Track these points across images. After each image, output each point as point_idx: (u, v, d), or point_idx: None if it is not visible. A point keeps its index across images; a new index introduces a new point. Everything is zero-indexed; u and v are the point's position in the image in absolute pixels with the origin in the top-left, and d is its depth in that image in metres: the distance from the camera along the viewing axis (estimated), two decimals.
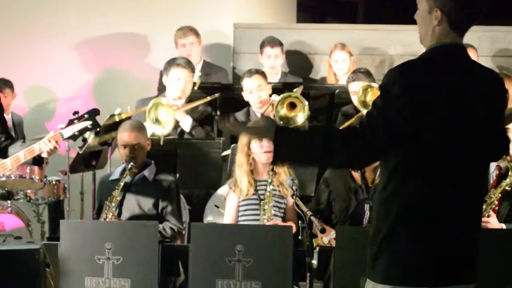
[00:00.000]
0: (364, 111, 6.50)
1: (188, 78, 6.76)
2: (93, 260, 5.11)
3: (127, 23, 8.78)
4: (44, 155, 5.28)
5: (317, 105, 7.43)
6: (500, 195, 5.51)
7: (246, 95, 6.87)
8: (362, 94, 6.67)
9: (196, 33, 8.02)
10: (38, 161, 5.37)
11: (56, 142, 5.29)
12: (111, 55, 8.88)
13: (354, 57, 7.86)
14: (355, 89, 6.81)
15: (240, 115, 6.88)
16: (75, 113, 5.44)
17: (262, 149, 5.71)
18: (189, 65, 6.78)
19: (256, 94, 6.76)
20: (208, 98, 6.82)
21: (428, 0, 3.63)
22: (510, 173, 5.67)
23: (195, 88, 7.18)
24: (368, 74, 6.96)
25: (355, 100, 6.84)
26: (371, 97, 6.55)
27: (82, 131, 5.35)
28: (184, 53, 7.96)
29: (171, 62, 6.79)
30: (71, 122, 5.36)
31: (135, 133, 5.80)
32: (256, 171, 5.79)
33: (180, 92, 6.74)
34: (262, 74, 6.92)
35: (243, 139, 5.77)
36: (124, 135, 5.80)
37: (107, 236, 5.14)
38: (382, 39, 8.25)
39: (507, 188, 5.51)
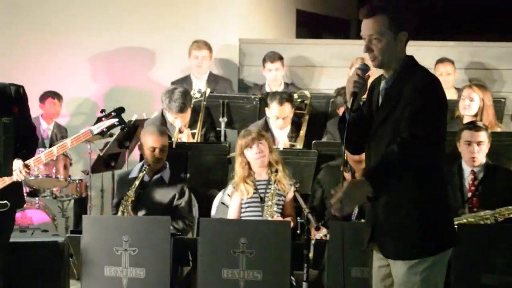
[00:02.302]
0: None
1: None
2: (112, 251, 5.14)
3: (141, 37, 8.79)
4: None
5: (315, 111, 7.44)
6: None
7: (271, 115, 6.78)
8: None
9: (209, 48, 8.01)
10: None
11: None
12: (123, 68, 8.87)
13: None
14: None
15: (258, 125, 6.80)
16: (102, 111, 5.45)
17: (254, 156, 5.73)
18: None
19: (282, 121, 6.74)
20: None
21: (392, 29, 3.76)
22: None
23: (207, 95, 7.19)
24: None
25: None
26: None
27: (109, 128, 5.35)
28: (195, 64, 7.98)
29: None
30: (99, 120, 5.37)
31: (162, 137, 5.87)
32: (255, 173, 5.79)
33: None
34: (291, 101, 6.83)
35: (237, 149, 5.79)
36: (154, 139, 5.83)
37: (124, 229, 5.16)
38: None
39: None
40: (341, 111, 6.73)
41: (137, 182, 5.72)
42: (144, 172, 5.76)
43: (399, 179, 3.69)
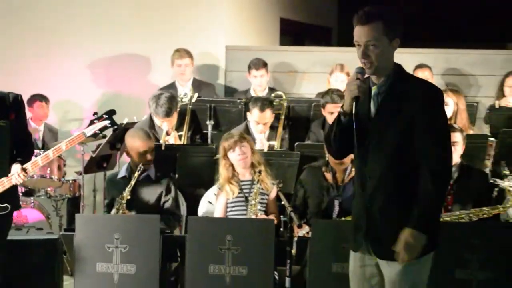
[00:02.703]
0: None
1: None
2: (104, 248, 5.14)
3: (136, 44, 8.78)
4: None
5: (297, 115, 7.46)
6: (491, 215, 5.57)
7: (252, 120, 6.77)
8: None
9: (190, 56, 8.06)
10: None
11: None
12: (119, 73, 8.86)
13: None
14: (331, 110, 6.80)
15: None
16: (95, 113, 5.46)
17: (237, 157, 5.74)
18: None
19: (263, 127, 6.76)
20: None
21: (388, 35, 3.77)
22: (509, 197, 5.74)
23: (193, 100, 7.21)
24: (341, 95, 6.93)
25: (328, 117, 6.79)
26: None
27: (102, 129, 5.35)
28: (179, 72, 8.05)
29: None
30: (92, 122, 5.38)
31: (149, 141, 5.90)
32: (238, 173, 5.81)
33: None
34: (272, 107, 6.84)
35: (220, 152, 5.81)
36: (141, 143, 5.85)
37: (115, 227, 5.17)
38: (352, 60, 8.16)
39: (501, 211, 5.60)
40: (326, 109, 6.82)
41: (133, 182, 5.72)
42: (139, 172, 5.76)
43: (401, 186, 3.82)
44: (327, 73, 7.83)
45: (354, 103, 3.74)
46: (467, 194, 5.70)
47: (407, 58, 7.93)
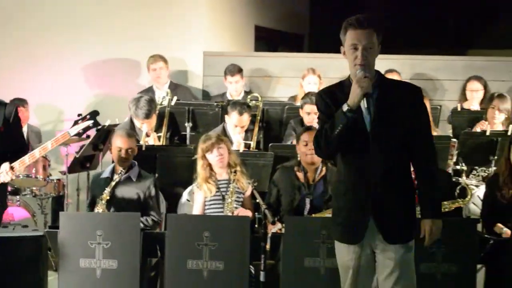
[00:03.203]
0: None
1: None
2: (86, 244, 5.11)
3: (124, 50, 8.76)
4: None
5: (271, 117, 7.47)
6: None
7: (230, 123, 6.76)
8: None
9: (164, 60, 8.08)
10: None
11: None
12: (109, 77, 8.83)
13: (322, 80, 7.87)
14: (308, 111, 6.84)
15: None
16: (79, 114, 5.44)
17: (215, 158, 5.74)
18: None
19: (240, 130, 6.75)
20: None
21: (378, 39, 3.93)
22: (468, 192, 5.81)
23: (172, 103, 7.21)
24: None
25: (305, 118, 6.86)
26: None
27: (85, 129, 5.34)
28: (155, 76, 8.07)
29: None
30: (76, 123, 5.36)
31: (130, 139, 5.84)
32: (216, 173, 5.80)
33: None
34: (250, 110, 6.85)
35: (199, 153, 5.80)
36: (122, 141, 5.81)
37: (98, 225, 5.14)
38: (323, 65, 8.27)
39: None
40: (304, 110, 6.89)
41: (113, 183, 5.69)
42: (121, 174, 5.73)
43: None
44: (299, 78, 7.85)
45: (364, 99, 3.85)
46: None
47: (378, 64, 7.97)
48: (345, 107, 3.84)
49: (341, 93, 3.98)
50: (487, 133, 6.73)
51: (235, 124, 6.68)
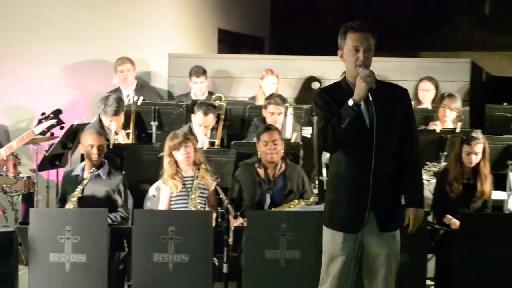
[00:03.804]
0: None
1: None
2: (56, 239, 5.08)
3: (98, 51, 8.70)
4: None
5: (233, 116, 7.47)
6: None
7: (195, 122, 6.76)
8: None
9: (131, 62, 8.03)
10: None
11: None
12: (83, 77, 8.76)
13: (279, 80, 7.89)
14: (272, 110, 6.85)
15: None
16: (43, 113, 5.38)
17: (182, 156, 5.72)
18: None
19: (205, 129, 6.72)
20: None
21: (374, 42, 4.07)
22: None
23: (138, 104, 7.18)
24: (283, 99, 7.00)
25: (268, 117, 6.87)
26: None
27: (49, 128, 5.29)
28: (122, 77, 8.01)
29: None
30: (40, 121, 5.30)
31: (100, 137, 5.77)
32: (182, 170, 5.78)
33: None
34: (215, 111, 6.85)
35: (166, 150, 5.78)
36: (91, 138, 5.72)
37: (67, 220, 5.10)
38: (282, 66, 8.29)
39: None
40: (268, 110, 6.89)
41: (85, 182, 5.64)
42: (92, 173, 5.68)
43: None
44: (260, 79, 7.86)
45: (368, 93, 3.94)
46: None
47: (335, 65, 8.03)
48: (351, 102, 3.94)
49: (339, 92, 4.10)
50: (438, 131, 6.81)
51: (200, 123, 6.66)
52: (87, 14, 8.70)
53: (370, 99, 3.94)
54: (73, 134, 6.67)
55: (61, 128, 5.89)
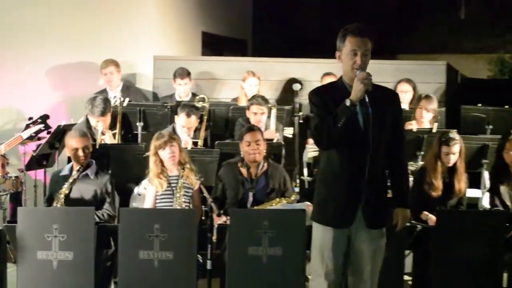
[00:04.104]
0: None
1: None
2: (43, 237, 5.05)
3: (84, 53, 8.67)
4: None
5: (217, 117, 7.47)
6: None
7: (179, 123, 6.74)
8: None
9: (115, 64, 8.00)
10: None
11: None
12: (66, 80, 8.73)
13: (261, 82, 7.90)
14: (255, 111, 6.86)
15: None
16: (30, 118, 5.36)
17: (167, 156, 5.71)
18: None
19: (188, 130, 6.70)
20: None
21: (371, 46, 4.14)
22: None
23: (124, 105, 7.17)
24: (265, 99, 7.01)
25: (252, 118, 6.87)
26: None
27: (37, 132, 5.28)
28: (106, 79, 7.98)
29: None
30: (27, 126, 5.28)
31: (83, 138, 5.74)
32: (167, 169, 5.78)
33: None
34: (197, 113, 6.82)
35: (151, 149, 5.77)
36: (75, 141, 5.70)
37: (54, 219, 5.08)
38: (264, 69, 8.30)
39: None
40: (251, 110, 6.89)
41: (71, 180, 5.61)
42: (79, 172, 5.65)
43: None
44: (242, 80, 7.86)
45: (365, 95, 3.99)
46: None
47: (315, 67, 8.06)
48: (348, 102, 3.98)
49: (335, 91, 4.15)
50: (414, 130, 6.85)
51: (183, 125, 6.66)
52: (74, 17, 8.69)
53: (366, 100, 3.99)
54: (60, 135, 6.66)
55: (48, 133, 5.90)
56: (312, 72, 8.04)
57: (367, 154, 4.04)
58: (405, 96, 7.85)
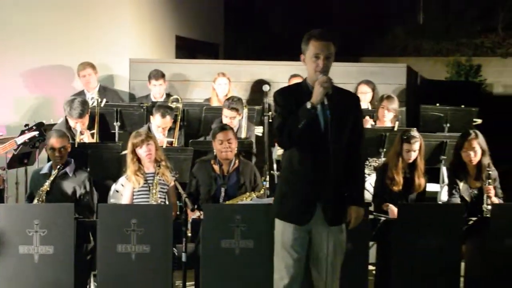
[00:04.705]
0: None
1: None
2: (25, 232, 5.00)
3: (60, 57, 8.60)
4: None
5: (191, 117, 7.44)
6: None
7: (154, 123, 6.70)
8: None
9: (92, 66, 7.93)
10: None
11: None
12: (45, 82, 8.64)
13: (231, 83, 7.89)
14: (227, 115, 6.84)
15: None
16: (26, 125, 5.33)
17: (144, 153, 5.69)
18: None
19: (162, 130, 6.68)
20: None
21: (335, 50, 4.10)
22: None
23: (102, 105, 7.12)
24: (240, 103, 6.98)
25: (225, 119, 6.84)
26: None
27: (31, 139, 5.23)
28: (84, 81, 7.91)
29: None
30: (22, 132, 5.24)
31: (61, 139, 5.68)
32: (144, 166, 5.75)
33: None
34: (172, 114, 6.78)
35: (129, 147, 5.74)
36: (54, 141, 5.65)
37: (35, 215, 5.03)
38: (235, 70, 8.31)
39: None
40: (223, 113, 6.87)
41: (52, 178, 5.56)
42: (59, 169, 5.60)
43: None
44: (212, 81, 7.86)
45: (325, 97, 3.97)
46: None
47: (284, 69, 8.08)
48: (308, 104, 3.96)
49: (299, 93, 4.12)
50: (369, 127, 6.90)
51: (158, 125, 6.63)
52: (56, 24, 8.64)
53: (325, 103, 3.97)
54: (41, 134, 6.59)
55: (43, 140, 5.89)
56: (281, 74, 8.05)
57: (327, 154, 4.00)
58: (365, 97, 7.90)
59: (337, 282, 4.26)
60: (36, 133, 5.32)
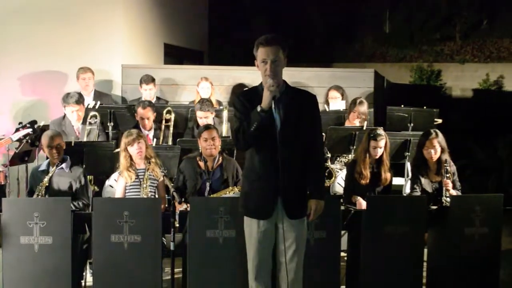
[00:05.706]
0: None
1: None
2: (26, 224, 4.97)
3: (57, 63, 8.55)
4: None
5: (177, 118, 7.42)
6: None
7: (138, 118, 6.79)
8: None
9: (91, 71, 7.90)
10: None
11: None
12: (41, 86, 8.57)
13: (213, 86, 7.86)
14: (200, 116, 6.82)
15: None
16: (20, 123, 5.26)
17: (135, 151, 5.66)
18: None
19: (145, 121, 6.77)
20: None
21: (284, 53, 3.98)
22: (333, 174, 5.87)
23: (96, 107, 7.08)
24: (211, 103, 6.97)
25: (199, 120, 6.83)
26: None
27: (25, 136, 5.17)
28: (83, 84, 7.85)
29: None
30: (17, 130, 5.18)
31: (56, 137, 5.64)
32: (135, 163, 5.73)
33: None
34: (152, 106, 6.85)
35: (121, 145, 5.71)
36: (49, 140, 5.60)
37: (35, 208, 5.00)
38: (219, 75, 8.30)
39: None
40: (196, 115, 6.84)
41: (50, 174, 5.52)
42: (57, 166, 5.56)
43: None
44: (197, 85, 7.84)
45: (273, 101, 3.88)
46: None
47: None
48: (258, 108, 3.90)
49: (256, 96, 4.01)
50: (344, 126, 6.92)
51: (141, 117, 6.75)
52: (53, 32, 8.59)
53: (273, 106, 3.89)
54: (40, 134, 6.53)
55: (36, 137, 5.85)
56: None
57: (283, 152, 3.94)
58: (335, 102, 7.91)
59: (300, 271, 4.20)
60: (29, 130, 5.28)
